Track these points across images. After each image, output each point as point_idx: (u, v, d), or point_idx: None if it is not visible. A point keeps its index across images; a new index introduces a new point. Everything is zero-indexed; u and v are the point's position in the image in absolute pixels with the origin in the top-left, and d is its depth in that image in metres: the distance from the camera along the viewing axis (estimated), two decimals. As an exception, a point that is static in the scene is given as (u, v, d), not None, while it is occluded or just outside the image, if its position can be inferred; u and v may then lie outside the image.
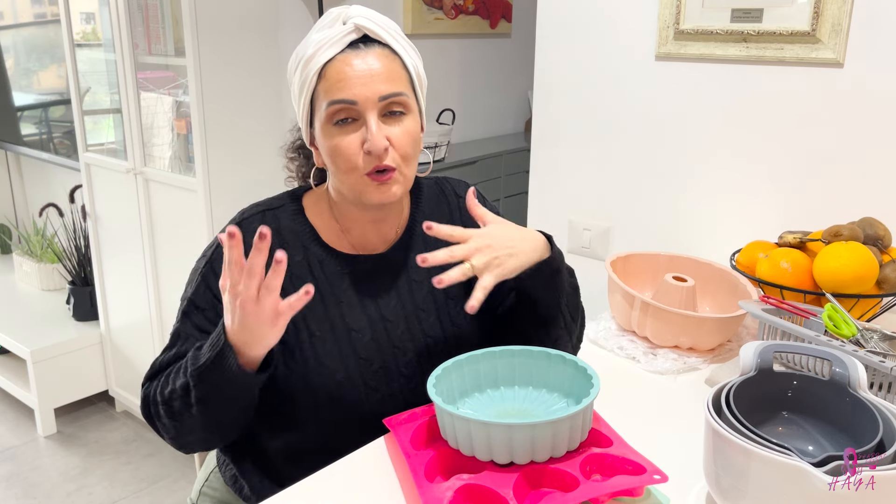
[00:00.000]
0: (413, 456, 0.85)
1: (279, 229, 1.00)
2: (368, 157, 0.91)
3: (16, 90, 3.21)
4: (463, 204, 1.10)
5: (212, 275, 0.96)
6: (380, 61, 0.91)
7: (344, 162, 0.92)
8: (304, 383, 0.97)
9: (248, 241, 0.97)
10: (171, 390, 0.91)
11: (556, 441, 0.80)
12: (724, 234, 1.54)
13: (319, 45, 0.91)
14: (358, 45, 0.92)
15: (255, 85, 2.25)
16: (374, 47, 0.92)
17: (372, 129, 0.90)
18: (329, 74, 0.91)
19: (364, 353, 0.98)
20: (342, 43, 0.91)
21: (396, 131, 0.93)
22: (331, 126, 0.92)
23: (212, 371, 0.86)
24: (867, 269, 1.15)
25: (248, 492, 1.05)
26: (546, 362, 0.94)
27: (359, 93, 0.90)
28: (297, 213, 1.02)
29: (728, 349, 1.24)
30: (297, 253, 0.99)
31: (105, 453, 2.55)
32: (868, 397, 0.78)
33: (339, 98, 0.90)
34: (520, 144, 3.14)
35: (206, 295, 0.97)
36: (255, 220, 0.99)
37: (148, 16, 2.22)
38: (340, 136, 0.92)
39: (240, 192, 2.24)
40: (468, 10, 3.14)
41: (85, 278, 2.86)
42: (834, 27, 1.32)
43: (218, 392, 0.87)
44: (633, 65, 1.59)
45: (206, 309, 0.97)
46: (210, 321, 0.96)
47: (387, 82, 0.91)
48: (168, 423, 0.94)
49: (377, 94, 0.90)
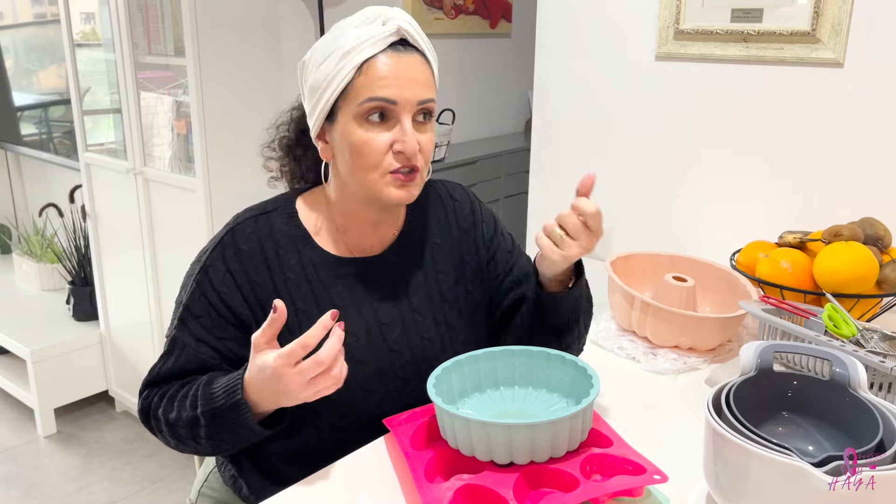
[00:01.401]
0: (413, 456, 0.85)
1: (272, 233, 0.99)
2: (399, 157, 0.93)
3: (16, 90, 3.21)
4: (458, 207, 1.10)
5: (206, 282, 0.96)
6: (418, 67, 0.93)
7: (370, 158, 0.93)
8: None
9: (241, 247, 0.97)
10: (177, 418, 0.92)
11: (555, 441, 0.80)
12: (724, 234, 1.54)
13: (360, 40, 0.91)
14: (398, 47, 0.92)
15: (255, 85, 2.25)
16: (412, 53, 0.93)
17: (407, 131, 0.92)
18: (369, 71, 0.91)
19: (360, 356, 0.98)
20: (383, 43, 0.91)
21: (424, 137, 0.95)
22: (363, 121, 0.92)
23: (223, 417, 0.88)
24: (867, 269, 1.15)
25: (246, 492, 1.05)
26: (546, 362, 0.94)
27: (399, 94, 0.91)
28: (291, 215, 1.01)
29: (728, 349, 1.24)
30: (292, 256, 0.99)
31: (105, 453, 2.55)
32: (868, 397, 0.78)
33: (380, 96, 0.91)
34: (520, 144, 3.14)
35: (202, 302, 0.96)
36: (249, 225, 0.99)
37: (148, 16, 2.22)
38: (371, 132, 0.92)
39: (240, 192, 2.24)
40: (468, 10, 3.14)
41: (85, 278, 2.86)
42: (834, 27, 1.32)
43: (230, 432, 0.90)
44: (633, 65, 1.59)
45: (201, 316, 0.96)
46: (206, 328, 0.96)
47: (423, 88, 0.93)
48: (171, 440, 0.96)
49: (416, 98, 0.92)
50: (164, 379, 0.98)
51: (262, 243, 0.98)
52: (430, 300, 1.05)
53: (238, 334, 0.97)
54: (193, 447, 0.95)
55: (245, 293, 0.96)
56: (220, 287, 0.96)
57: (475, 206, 1.12)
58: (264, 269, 0.97)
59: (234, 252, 0.97)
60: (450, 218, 1.10)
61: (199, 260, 1.00)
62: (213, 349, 0.96)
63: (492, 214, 1.14)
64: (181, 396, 0.94)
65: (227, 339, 0.97)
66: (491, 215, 1.14)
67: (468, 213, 1.11)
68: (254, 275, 0.97)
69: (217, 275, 0.96)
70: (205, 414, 0.89)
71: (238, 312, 0.96)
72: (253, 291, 0.96)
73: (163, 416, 0.94)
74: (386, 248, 1.04)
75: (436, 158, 2.66)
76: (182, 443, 0.95)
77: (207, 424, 0.90)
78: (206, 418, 0.89)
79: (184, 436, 0.93)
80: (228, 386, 0.88)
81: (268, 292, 0.97)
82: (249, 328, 0.96)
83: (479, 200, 1.14)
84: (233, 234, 0.98)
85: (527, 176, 1.89)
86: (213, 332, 0.96)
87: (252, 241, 0.97)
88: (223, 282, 0.96)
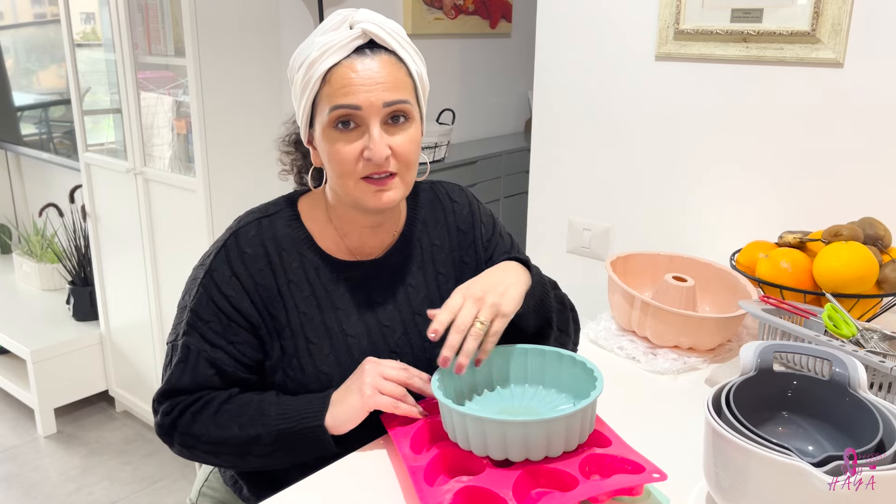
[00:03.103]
0: (412, 458, 0.85)
1: (275, 236, 0.99)
2: (368, 164, 0.91)
3: (16, 90, 3.21)
4: (457, 208, 1.10)
5: (213, 286, 0.96)
6: (385, 69, 0.90)
7: (342, 166, 0.92)
8: (304, 390, 0.97)
9: (245, 250, 0.97)
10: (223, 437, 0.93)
11: (551, 440, 0.80)
12: (724, 234, 1.54)
13: (325, 48, 0.89)
14: (364, 50, 0.90)
15: (255, 85, 2.25)
16: (380, 54, 0.91)
17: (374, 137, 0.90)
18: (333, 80, 0.90)
19: (361, 358, 0.98)
20: (348, 48, 0.89)
21: (399, 139, 0.92)
22: (332, 130, 0.91)
23: (294, 436, 0.92)
24: (867, 269, 1.15)
25: (247, 492, 1.05)
26: (557, 362, 0.95)
27: (363, 99, 0.89)
28: (293, 218, 1.01)
29: (728, 349, 1.24)
30: (294, 259, 0.99)
31: (105, 453, 2.55)
32: (868, 397, 0.78)
33: (344, 103, 0.89)
34: (520, 144, 3.14)
35: (210, 307, 0.96)
36: (252, 228, 0.99)
37: (148, 16, 2.22)
38: (342, 141, 0.91)
39: (240, 192, 2.24)
40: (468, 10, 3.14)
41: (85, 278, 2.86)
42: (834, 27, 1.32)
43: (298, 450, 0.93)
44: (633, 65, 1.59)
45: (210, 321, 0.96)
46: (216, 332, 0.96)
47: (391, 90, 0.90)
48: (204, 456, 0.96)
49: (381, 101, 0.90)
50: (184, 389, 0.96)
51: (266, 246, 0.98)
52: (431, 302, 1.05)
53: (249, 337, 0.97)
54: (230, 462, 0.96)
55: (252, 296, 0.96)
56: (227, 291, 0.96)
57: (474, 206, 1.12)
58: (268, 271, 0.97)
59: (238, 255, 0.97)
60: (449, 219, 1.10)
61: (202, 264, 0.99)
62: (228, 354, 0.96)
63: (491, 215, 1.14)
64: (225, 414, 0.94)
65: (240, 343, 0.96)
66: (490, 216, 1.14)
67: (467, 213, 1.11)
68: (258, 277, 0.97)
69: (223, 279, 0.96)
70: (271, 433, 0.92)
71: (247, 315, 0.96)
72: (258, 294, 0.96)
73: (199, 433, 0.94)
74: (386, 250, 1.04)
75: (436, 158, 2.66)
76: (217, 457, 0.95)
77: (271, 443, 0.92)
78: (272, 437, 0.92)
79: (227, 453, 0.94)
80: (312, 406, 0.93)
81: (272, 295, 0.97)
82: (259, 329, 0.97)
83: (479, 201, 1.14)
84: (236, 238, 0.98)
85: (527, 176, 1.89)
86: (224, 337, 0.96)
87: (255, 245, 0.97)
88: (230, 285, 0.96)
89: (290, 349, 0.97)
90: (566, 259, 1.81)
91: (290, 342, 0.97)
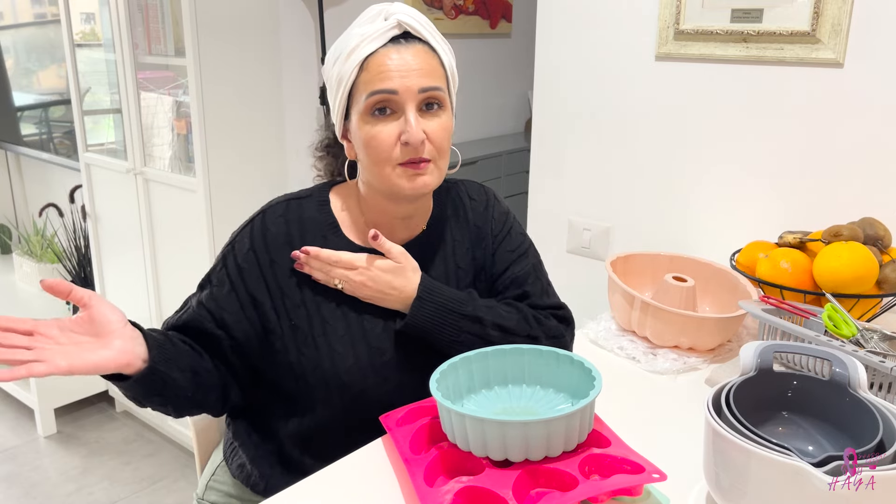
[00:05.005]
0: (412, 460, 0.85)
1: (301, 218, 1.02)
2: (405, 148, 0.94)
3: (16, 90, 3.21)
4: (475, 205, 1.12)
5: (231, 256, 1.01)
6: (420, 56, 0.94)
7: (379, 152, 0.95)
8: (318, 369, 0.99)
9: (269, 227, 1.01)
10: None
11: (550, 440, 0.80)
12: (724, 234, 1.54)
13: (362, 38, 0.93)
14: (399, 40, 0.94)
15: (256, 85, 2.25)
16: (414, 43, 0.95)
17: (411, 120, 0.93)
18: (371, 66, 0.93)
19: (375, 342, 1.01)
20: (384, 38, 0.94)
21: (433, 125, 0.95)
22: (369, 117, 0.95)
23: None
24: (867, 269, 1.15)
25: (256, 478, 1.06)
26: (555, 362, 0.95)
27: (399, 84, 0.92)
28: (323, 203, 1.05)
29: (728, 349, 1.24)
30: (316, 241, 1.01)
31: (105, 453, 2.55)
32: (868, 397, 0.78)
33: (381, 88, 0.93)
34: (520, 144, 3.14)
35: (222, 273, 1.01)
36: (280, 208, 1.03)
37: (148, 16, 2.22)
38: (378, 126, 0.94)
39: (240, 192, 2.24)
40: (468, 10, 3.14)
41: (85, 278, 2.86)
42: (834, 27, 1.32)
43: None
44: (633, 65, 1.59)
45: (216, 284, 1.01)
46: (213, 297, 1.00)
47: (426, 76, 0.94)
48: None
49: (417, 87, 0.93)
50: (173, 326, 1.02)
51: (289, 227, 1.01)
52: None
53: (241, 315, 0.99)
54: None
55: (265, 272, 0.99)
56: (243, 263, 1.00)
57: (490, 203, 1.13)
58: (287, 249, 1.00)
59: (261, 231, 1.01)
60: (468, 216, 1.12)
61: (231, 238, 1.05)
62: (213, 317, 1.00)
63: (505, 213, 1.15)
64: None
65: (228, 312, 1.00)
66: (504, 214, 1.14)
67: (482, 210, 1.12)
68: (276, 255, 1.00)
69: (241, 250, 1.01)
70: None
71: (253, 291, 0.99)
72: (273, 271, 0.99)
73: None
74: (409, 240, 1.06)
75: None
76: None
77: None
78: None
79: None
80: None
81: (287, 272, 1.00)
82: (263, 306, 1.00)
83: (497, 199, 1.15)
84: (263, 216, 1.03)
85: (527, 176, 1.89)
86: (217, 301, 1.00)
87: (280, 224, 1.01)
88: (245, 258, 1.00)
89: (306, 328, 1.00)
90: (566, 259, 1.81)
91: (304, 322, 1.00)
